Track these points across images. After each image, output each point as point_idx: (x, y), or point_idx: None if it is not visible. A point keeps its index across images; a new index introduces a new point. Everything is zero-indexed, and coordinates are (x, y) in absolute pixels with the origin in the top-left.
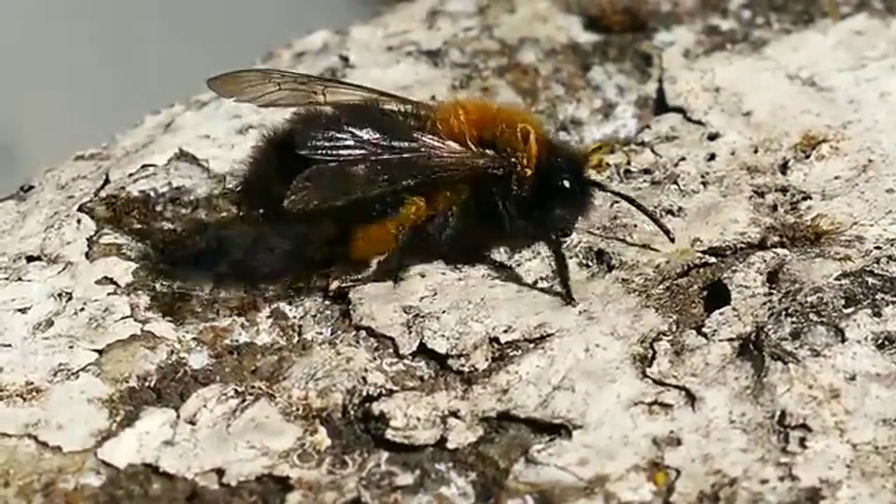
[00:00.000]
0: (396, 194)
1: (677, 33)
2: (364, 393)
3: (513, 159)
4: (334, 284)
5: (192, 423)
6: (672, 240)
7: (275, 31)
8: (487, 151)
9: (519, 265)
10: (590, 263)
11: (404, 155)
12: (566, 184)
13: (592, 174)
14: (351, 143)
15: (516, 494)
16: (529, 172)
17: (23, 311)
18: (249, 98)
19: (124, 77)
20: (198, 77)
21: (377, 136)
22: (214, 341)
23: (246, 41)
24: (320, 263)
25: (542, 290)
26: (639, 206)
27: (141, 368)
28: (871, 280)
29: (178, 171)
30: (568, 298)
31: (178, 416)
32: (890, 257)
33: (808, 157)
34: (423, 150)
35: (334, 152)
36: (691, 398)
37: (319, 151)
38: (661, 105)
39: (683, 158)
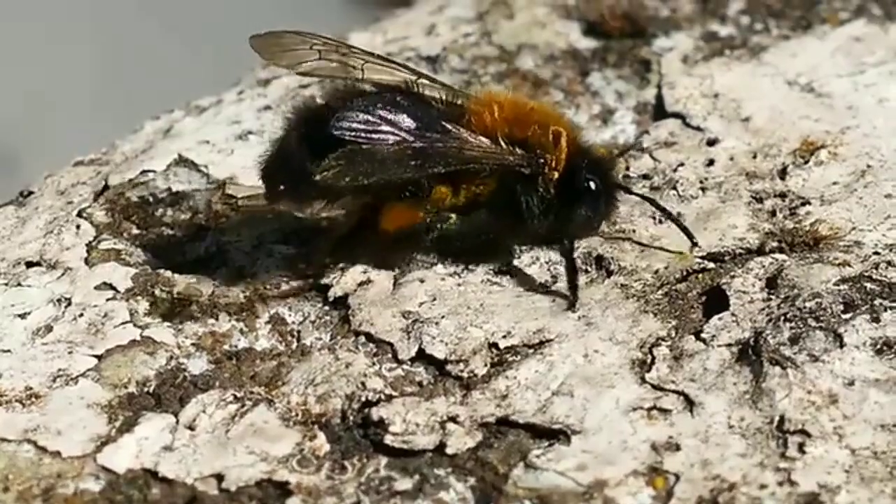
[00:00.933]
0: (425, 181)
1: (676, 39)
2: (363, 398)
3: (541, 160)
4: (333, 290)
5: (192, 428)
6: (695, 243)
7: None
8: (517, 150)
9: (518, 271)
10: (589, 269)
11: (436, 144)
12: (592, 186)
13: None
14: (385, 127)
15: (515, 500)
16: (556, 175)
17: (22, 316)
18: (287, 63)
19: (124, 82)
20: (197, 82)
21: (410, 122)
22: (213, 347)
23: (246, 47)
24: (320, 269)
25: (541, 295)
26: (663, 210)
27: (140, 374)
28: (869, 285)
29: (178, 176)
30: (572, 301)
31: (178, 422)
32: (889, 263)
33: (806, 162)
34: (454, 141)
35: (367, 135)
36: (690, 403)
37: (353, 133)
38: (659, 111)
39: (682, 164)
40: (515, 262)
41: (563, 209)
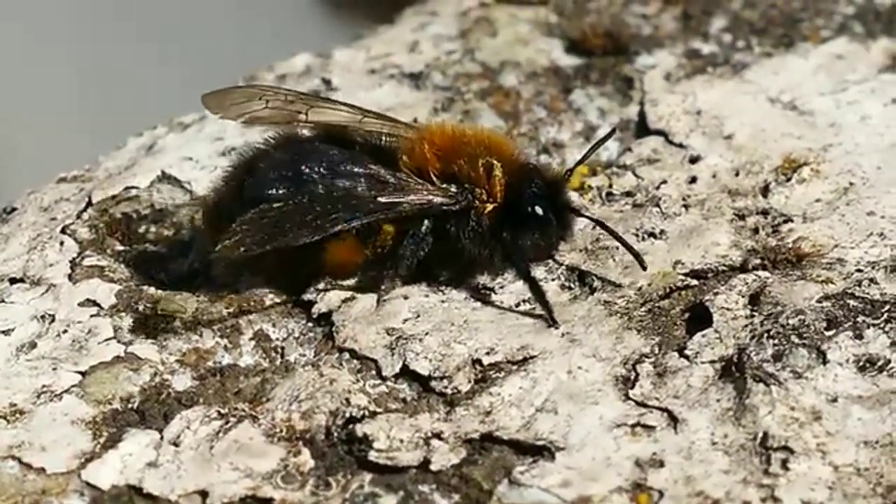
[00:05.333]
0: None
1: (658, 56)
2: (347, 414)
3: (470, 196)
4: (317, 307)
5: (176, 444)
6: (644, 268)
7: (257, 55)
8: (447, 186)
9: (501, 287)
10: (572, 286)
11: (347, 198)
12: (539, 211)
13: (573, 197)
14: (296, 186)
15: None
16: (490, 207)
17: (6, 332)
18: (234, 115)
19: (107, 99)
20: (180, 99)
21: (328, 175)
22: (197, 363)
23: (228, 64)
24: (303, 286)
25: (524, 312)
26: (612, 233)
27: (124, 390)
28: (852, 302)
29: (161, 193)
30: (551, 321)
31: (162, 438)
32: (871, 280)
33: (789, 180)
34: (371, 190)
35: (278, 193)
36: (674, 420)
37: (266, 194)
38: (642, 128)
39: (665, 181)
40: (499, 279)
41: (513, 235)
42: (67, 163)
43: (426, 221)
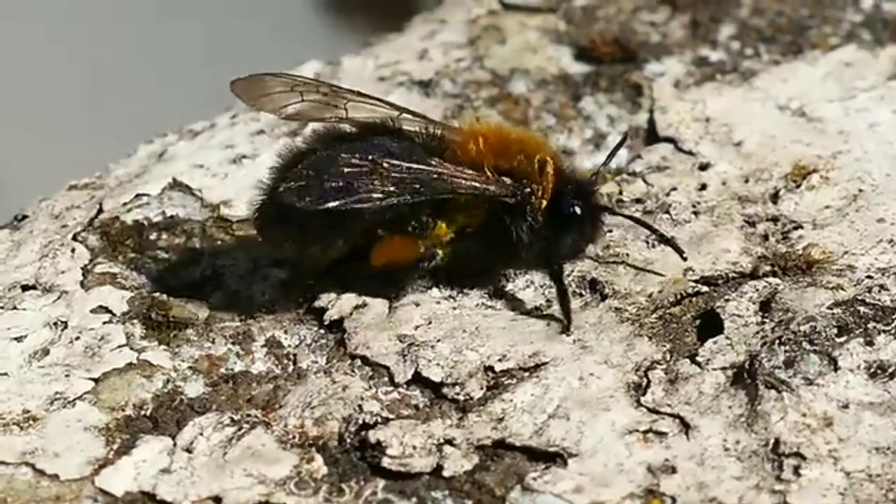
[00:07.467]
0: (415, 215)
1: (667, 64)
2: (360, 421)
3: (528, 190)
4: (329, 313)
5: (189, 451)
6: (685, 259)
7: (265, 63)
8: (504, 179)
9: (512, 294)
10: (583, 292)
11: (416, 174)
12: (578, 211)
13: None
14: (361, 158)
15: None
16: (544, 203)
17: (18, 339)
18: (270, 108)
19: (117, 106)
20: (190, 106)
21: (390, 153)
22: (210, 370)
23: (235, 72)
24: (316, 292)
25: (535, 319)
26: (651, 228)
27: (137, 397)
28: (863, 309)
29: (172, 200)
30: (567, 326)
31: (175, 444)
32: (881, 286)
33: (798, 186)
34: (436, 170)
35: (341, 169)
36: (686, 426)
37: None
38: (652, 135)
39: (675, 188)
40: (510, 286)
41: (550, 234)
42: (78, 170)
43: (482, 216)
